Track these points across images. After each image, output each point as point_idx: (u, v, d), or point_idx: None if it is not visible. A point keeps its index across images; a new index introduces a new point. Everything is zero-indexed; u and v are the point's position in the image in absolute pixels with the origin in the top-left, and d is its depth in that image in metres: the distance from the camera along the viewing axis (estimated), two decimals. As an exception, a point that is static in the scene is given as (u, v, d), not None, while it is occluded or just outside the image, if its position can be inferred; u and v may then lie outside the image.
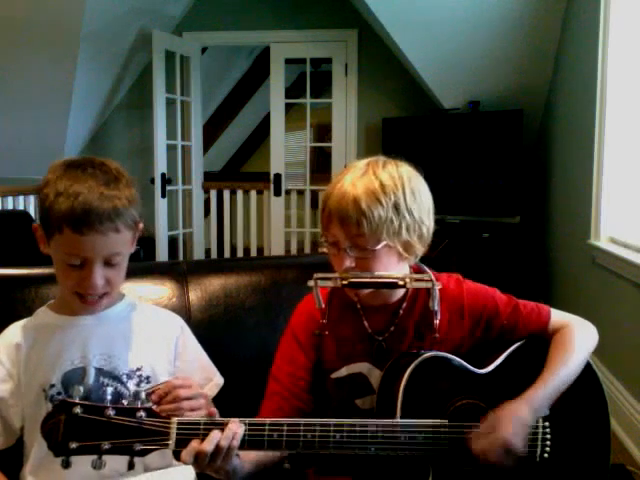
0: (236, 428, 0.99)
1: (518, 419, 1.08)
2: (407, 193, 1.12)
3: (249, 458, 1.09)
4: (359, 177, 1.12)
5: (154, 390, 1.08)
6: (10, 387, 1.15)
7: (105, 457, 0.95)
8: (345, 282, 1.11)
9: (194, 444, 0.96)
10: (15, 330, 1.21)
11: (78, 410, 0.93)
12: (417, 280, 1.12)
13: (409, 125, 4.53)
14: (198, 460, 0.97)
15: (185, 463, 0.97)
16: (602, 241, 2.98)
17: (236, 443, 0.98)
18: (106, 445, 0.93)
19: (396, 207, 1.11)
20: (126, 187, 1.13)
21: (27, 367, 1.16)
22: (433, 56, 4.09)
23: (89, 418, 0.93)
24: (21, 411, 1.15)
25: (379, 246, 1.11)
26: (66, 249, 1.09)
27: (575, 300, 3.47)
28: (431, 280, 1.12)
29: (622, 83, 2.89)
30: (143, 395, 1.03)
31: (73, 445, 0.93)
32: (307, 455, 1.27)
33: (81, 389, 0.97)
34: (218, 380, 1.30)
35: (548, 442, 1.15)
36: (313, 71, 5.09)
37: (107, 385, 1.15)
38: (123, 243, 1.14)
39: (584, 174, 3.16)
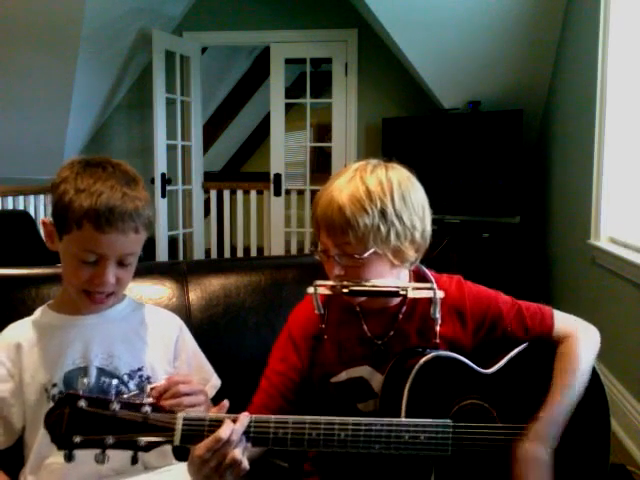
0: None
1: (539, 463, 1.08)
2: (395, 198, 1.09)
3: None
4: (346, 183, 1.10)
5: (154, 386, 1.08)
6: (11, 387, 1.15)
7: (109, 452, 0.94)
8: (346, 290, 1.10)
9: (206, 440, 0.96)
10: (15, 330, 1.21)
11: (83, 403, 0.92)
12: (418, 289, 1.11)
13: (409, 125, 4.53)
14: (213, 453, 0.96)
15: (200, 457, 0.96)
16: (602, 241, 2.98)
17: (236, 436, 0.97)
18: (110, 439, 0.93)
19: (383, 214, 1.08)
20: (143, 189, 1.16)
21: (28, 367, 1.15)
22: (433, 56, 4.09)
23: (94, 412, 0.93)
24: (22, 411, 1.15)
25: (366, 254, 1.09)
26: (84, 246, 1.09)
27: (575, 300, 3.46)
28: (433, 289, 1.11)
29: (622, 83, 2.89)
30: (148, 388, 1.02)
31: (77, 439, 0.92)
32: (306, 456, 1.27)
33: (86, 381, 0.97)
34: (215, 382, 1.29)
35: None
36: (313, 71, 5.09)
37: (109, 385, 1.15)
38: (139, 243, 1.15)
39: (584, 174, 3.16)
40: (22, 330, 1.20)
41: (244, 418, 0.99)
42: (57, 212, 1.12)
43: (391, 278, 1.15)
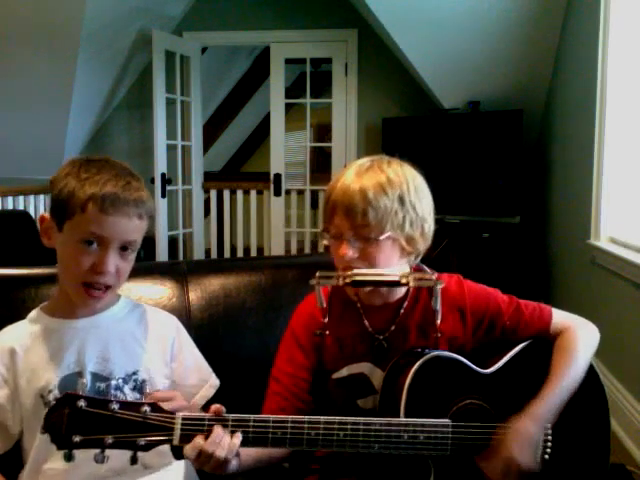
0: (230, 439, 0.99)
1: (524, 437, 1.08)
2: (411, 189, 1.15)
3: (249, 452, 1.08)
4: (364, 171, 1.15)
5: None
6: (5, 393, 1.13)
7: (108, 452, 0.94)
8: (347, 280, 1.10)
9: (199, 440, 0.97)
10: (9, 334, 1.19)
11: (82, 403, 0.92)
12: (419, 279, 1.12)
13: (409, 125, 4.53)
14: (200, 457, 0.97)
15: (188, 458, 0.97)
16: (602, 241, 2.98)
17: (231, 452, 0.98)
18: (110, 439, 0.93)
19: (401, 200, 1.13)
20: (144, 185, 1.18)
21: (23, 372, 1.14)
22: (433, 56, 4.09)
23: (93, 412, 0.93)
24: (18, 416, 1.14)
25: (383, 236, 1.12)
26: (87, 227, 1.09)
27: (575, 300, 3.46)
28: (434, 279, 1.12)
29: (622, 83, 2.89)
30: (147, 388, 1.02)
31: (76, 439, 0.92)
32: (309, 456, 1.27)
33: (85, 381, 0.96)
34: (214, 381, 1.29)
35: (549, 444, 1.15)
36: (313, 71, 5.09)
37: (106, 387, 1.14)
38: (140, 232, 1.15)
39: (584, 174, 3.16)
40: (16, 335, 1.18)
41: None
42: (58, 202, 1.11)
43: (398, 267, 1.16)
